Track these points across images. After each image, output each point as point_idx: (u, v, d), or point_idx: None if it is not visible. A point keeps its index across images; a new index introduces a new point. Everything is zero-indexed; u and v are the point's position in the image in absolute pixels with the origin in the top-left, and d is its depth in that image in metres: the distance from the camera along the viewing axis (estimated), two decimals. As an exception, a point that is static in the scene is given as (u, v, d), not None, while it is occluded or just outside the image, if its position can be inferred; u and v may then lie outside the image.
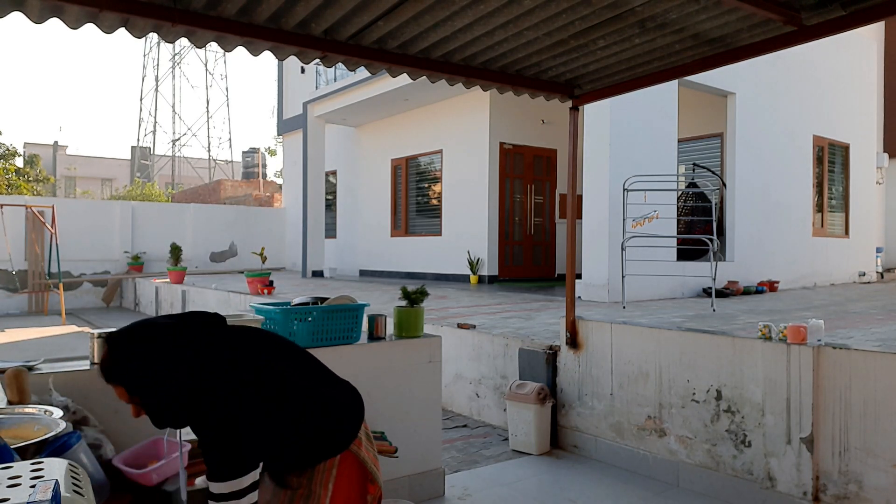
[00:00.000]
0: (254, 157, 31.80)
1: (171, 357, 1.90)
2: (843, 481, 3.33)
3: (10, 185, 23.79)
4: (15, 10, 2.70)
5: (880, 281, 13.30)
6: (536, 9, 3.02)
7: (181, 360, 1.90)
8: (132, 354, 1.90)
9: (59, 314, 13.59)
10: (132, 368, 1.89)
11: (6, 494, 1.13)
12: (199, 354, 1.93)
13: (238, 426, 1.88)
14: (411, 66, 3.61)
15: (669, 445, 4.10)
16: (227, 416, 1.87)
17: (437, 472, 3.91)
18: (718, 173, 10.55)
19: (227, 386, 1.90)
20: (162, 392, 1.89)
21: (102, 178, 43.78)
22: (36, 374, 2.63)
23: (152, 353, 1.90)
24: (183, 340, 1.94)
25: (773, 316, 6.70)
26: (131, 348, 1.91)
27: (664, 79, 3.93)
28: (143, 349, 1.90)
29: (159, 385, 1.88)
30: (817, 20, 3.05)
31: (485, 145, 12.31)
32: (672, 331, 4.16)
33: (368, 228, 15.51)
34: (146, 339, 1.93)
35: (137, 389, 1.89)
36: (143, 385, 1.89)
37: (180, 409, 1.91)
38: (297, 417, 1.97)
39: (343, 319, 3.51)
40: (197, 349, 1.94)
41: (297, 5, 2.93)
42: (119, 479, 2.36)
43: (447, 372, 5.77)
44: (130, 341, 1.92)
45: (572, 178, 4.58)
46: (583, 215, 8.57)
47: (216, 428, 1.87)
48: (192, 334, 1.98)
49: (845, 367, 3.33)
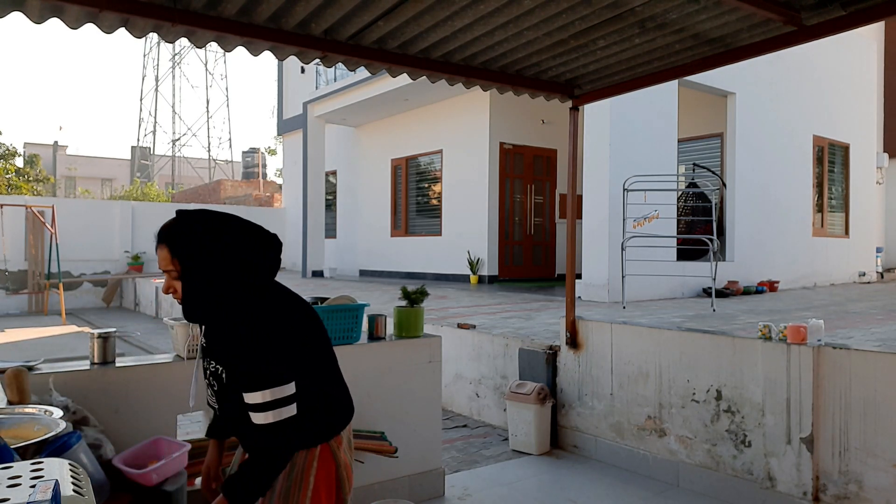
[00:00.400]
0: (254, 157, 31.81)
1: (234, 244, 1.83)
2: (843, 481, 3.33)
3: (10, 185, 23.80)
4: (15, 10, 2.70)
5: (880, 281, 13.30)
6: (536, 9, 3.02)
7: (240, 251, 1.83)
8: (199, 219, 1.84)
9: (59, 314, 13.59)
10: (192, 231, 1.82)
11: (6, 494, 1.13)
12: (260, 263, 1.87)
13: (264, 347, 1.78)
14: (411, 66, 3.61)
15: (669, 445, 4.10)
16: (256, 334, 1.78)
17: (437, 472, 3.91)
18: (718, 173, 10.55)
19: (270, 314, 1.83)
20: (207, 268, 1.80)
21: (102, 178, 43.80)
22: (36, 374, 2.63)
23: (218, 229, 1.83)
24: (254, 243, 1.87)
25: (773, 316, 6.70)
26: (202, 216, 1.85)
27: (664, 79, 3.93)
28: (213, 222, 1.85)
29: (208, 258, 1.80)
30: (817, 20, 3.05)
31: (485, 145, 12.31)
32: (672, 331, 4.16)
33: (368, 228, 15.51)
34: (221, 217, 1.86)
35: (184, 255, 1.81)
36: (192, 252, 1.80)
37: (215, 298, 1.82)
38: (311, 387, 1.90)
39: (343, 319, 3.51)
40: (262, 258, 1.87)
41: (297, 5, 2.93)
42: (119, 479, 2.36)
43: (447, 372, 5.78)
44: (204, 213, 1.87)
45: (572, 178, 4.58)
46: (583, 215, 8.58)
47: (242, 340, 1.78)
48: (266, 246, 1.90)
49: (845, 367, 3.33)
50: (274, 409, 1.76)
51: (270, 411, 1.76)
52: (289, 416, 1.78)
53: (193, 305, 1.85)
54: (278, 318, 1.86)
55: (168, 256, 1.83)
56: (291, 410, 1.79)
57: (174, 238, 1.84)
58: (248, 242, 1.87)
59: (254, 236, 1.90)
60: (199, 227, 1.83)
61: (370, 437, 3.46)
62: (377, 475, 3.59)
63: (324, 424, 1.93)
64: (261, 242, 1.90)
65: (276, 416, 1.76)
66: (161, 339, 10.52)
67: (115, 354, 2.91)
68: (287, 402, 1.78)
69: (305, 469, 1.88)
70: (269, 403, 1.76)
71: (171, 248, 1.83)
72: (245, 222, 1.91)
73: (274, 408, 1.76)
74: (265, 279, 1.91)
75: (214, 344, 1.88)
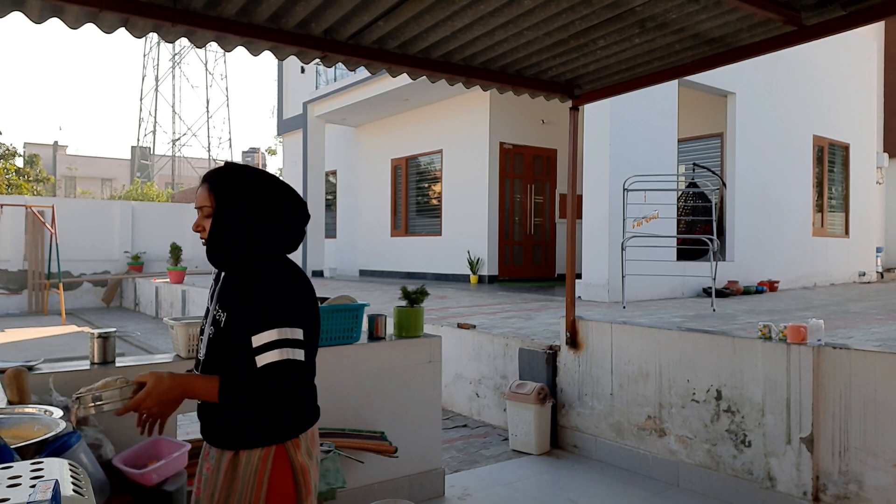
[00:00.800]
0: (254, 157, 31.83)
1: (270, 198, 1.87)
2: (843, 481, 3.33)
3: (10, 185, 23.80)
4: (15, 10, 2.70)
5: (880, 281, 13.31)
6: (536, 9, 3.02)
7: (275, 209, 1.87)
8: (244, 168, 1.91)
9: (59, 314, 13.59)
10: (234, 175, 1.87)
11: (6, 494, 1.13)
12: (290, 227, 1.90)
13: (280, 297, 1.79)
14: (411, 66, 3.61)
15: (669, 445, 4.10)
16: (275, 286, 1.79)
17: (437, 472, 3.91)
18: (718, 173, 10.55)
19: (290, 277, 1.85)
20: (239, 213, 1.83)
21: (102, 178, 43.81)
22: (36, 374, 2.63)
23: (259, 181, 1.88)
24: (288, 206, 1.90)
25: (773, 316, 6.70)
26: (247, 167, 1.91)
27: (664, 79, 3.93)
28: (256, 173, 1.90)
29: (243, 203, 1.83)
30: (817, 20, 3.05)
31: (485, 145, 12.31)
32: (672, 331, 4.16)
33: (368, 228, 15.52)
34: (263, 173, 1.91)
35: (221, 193, 1.84)
36: (229, 192, 1.84)
37: (240, 245, 1.84)
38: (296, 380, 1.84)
39: (343, 319, 3.51)
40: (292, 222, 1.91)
41: (297, 5, 2.93)
42: (119, 479, 2.36)
43: (447, 372, 5.78)
44: (249, 166, 1.92)
45: (572, 178, 4.59)
46: (583, 215, 8.58)
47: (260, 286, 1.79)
48: (298, 213, 1.93)
49: (845, 367, 3.34)
50: (283, 347, 1.74)
51: (279, 349, 1.73)
52: (295, 361, 1.75)
53: (217, 247, 1.86)
54: (294, 287, 1.86)
55: (206, 193, 1.87)
56: (299, 355, 1.76)
57: (217, 176, 1.88)
58: (283, 203, 1.90)
59: (291, 201, 1.92)
60: (241, 174, 1.89)
61: (370, 437, 3.46)
62: (377, 475, 3.59)
63: (286, 423, 1.86)
64: (295, 207, 1.93)
65: (284, 354, 1.74)
66: (161, 339, 10.52)
67: (115, 354, 2.92)
68: (296, 344, 1.76)
69: (258, 470, 1.81)
70: (280, 342, 1.74)
71: (212, 184, 1.87)
72: (285, 185, 1.94)
73: (284, 346, 1.74)
74: (290, 245, 1.93)
75: (228, 290, 1.87)
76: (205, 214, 1.87)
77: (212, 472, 1.87)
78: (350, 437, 3.37)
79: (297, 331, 1.78)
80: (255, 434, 1.82)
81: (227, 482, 1.82)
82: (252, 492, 1.80)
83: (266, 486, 1.81)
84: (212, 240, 1.86)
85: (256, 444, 1.82)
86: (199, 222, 1.89)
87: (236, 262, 1.87)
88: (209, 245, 1.87)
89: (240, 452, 1.82)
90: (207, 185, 1.87)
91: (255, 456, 1.81)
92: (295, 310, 1.81)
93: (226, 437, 1.86)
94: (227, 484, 1.82)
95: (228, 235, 1.84)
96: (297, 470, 1.86)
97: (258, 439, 1.82)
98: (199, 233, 1.89)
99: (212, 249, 1.87)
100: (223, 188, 1.85)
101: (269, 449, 1.82)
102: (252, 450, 1.82)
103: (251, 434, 1.82)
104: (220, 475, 1.83)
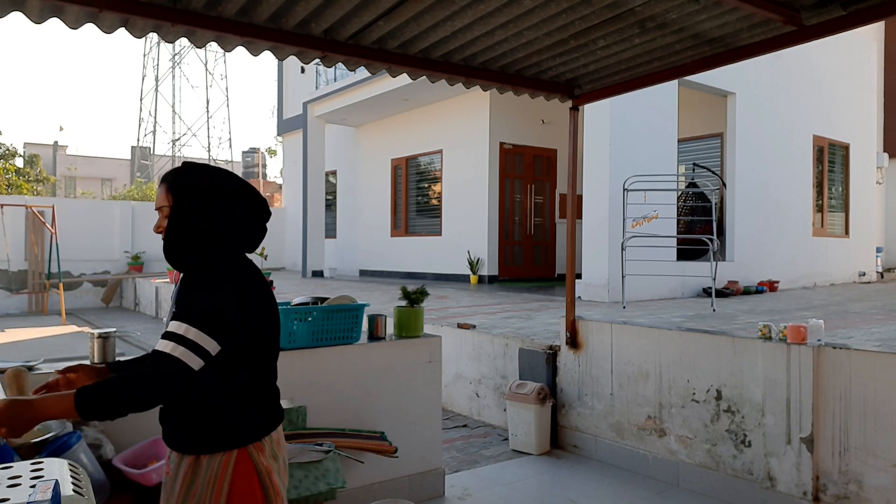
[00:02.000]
0: (254, 157, 31.80)
1: (229, 198, 1.86)
2: (843, 481, 3.33)
3: (10, 185, 23.80)
4: (15, 10, 2.70)
5: (880, 281, 13.30)
6: (536, 9, 3.02)
7: (233, 209, 1.86)
8: (202, 167, 1.89)
9: (59, 314, 13.59)
10: (193, 174, 1.86)
11: (6, 494, 1.13)
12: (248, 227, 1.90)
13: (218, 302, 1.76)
14: (411, 66, 3.61)
15: (669, 445, 4.10)
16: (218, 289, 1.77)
17: (437, 472, 3.91)
18: (718, 173, 10.56)
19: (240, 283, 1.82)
20: (197, 214, 1.82)
21: (102, 178, 43.78)
22: (36, 374, 2.63)
23: (218, 181, 1.87)
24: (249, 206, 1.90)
25: (773, 316, 6.70)
26: (205, 166, 1.91)
27: (664, 79, 3.93)
28: (214, 172, 1.89)
29: (201, 204, 1.83)
30: (817, 20, 3.05)
31: (485, 145, 12.31)
32: (672, 331, 4.16)
33: (368, 228, 15.52)
34: (222, 172, 1.91)
35: (178, 193, 1.83)
36: (186, 192, 1.83)
37: (196, 246, 1.82)
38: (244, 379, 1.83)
39: (343, 319, 3.51)
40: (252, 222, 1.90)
41: (297, 5, 2.93)
42: (119, 479, 2.36)
43: (447, 372, 5.77)
44: (207, 165, 1.92)
45: (572, 178, 4.59)
46: (583, 215, 8.58)
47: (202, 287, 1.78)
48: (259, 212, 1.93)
49: (845, 367, 3.34)
50: (183, 345, 1.68)
51: (178, 345, 1.68)
52: (185, 365, 1.68)
53: (173, 246, 1.84)
54: (245, 291, 1.82)
55: (164, 193, 1.86)
56: (193, 363, 1.69)
57: (174, 176, 1.87)
58: (242, 203, 1.89)
59: (251, 199, 1.91)
60: (197, 173, 1.88)
61: (370, 437, 3.46)
62: (377, 475, 3.59)
63: (246, 426, 1.82)
64: (255, 207, 1.92)
65: (180, 353, 1.68)
66: (161, 339, 10.49)
67: (115, 354, 2.91)
68: (197, 351, 1.69)
69: (218, 476, 1.77)
70: (181, 338, 1.69)
71: (169, 184, 1.86)
72: (244, 183, 1.93)
73: (183, 345, 1.68)
74: (248, 245, 1.93)
75: (182, 289, 1.84)
76: (164, 215, 1.86)
77: (171, 476, 1.83)
78: (350, 437, 3.37)
79: (208, 340, 1.71)
80: (215, 438, 1.78)
81: (185, 488, 1.78)
82: (210, 498, 1.76)
83: (227, 492, 1.77)
84: (167, 239, 1.85)
85: (217, 449, 1.78)
86: (159, 223, 1.88)
87: (192, 262, 1.84)
88: (165, 244, 1.85)
89: (200, 457, 1.78)
90: (165, 185, 1.87)
91: (216, 461, 1.77)
92: (223, 318, 1.75)
93: (186, 441, 1.81)
94: (185, 489, 1.78)
95: (184, 235, 1.83)
96: (262, 472, 1.82)
97: (219, 443, 1.78)
98: (160, 233, 1.88)
99: (168, 249, 1.85)
100: (179, 188, 1.85)
101: (230, 454, 1.78)
102: (213, 454, 1.78)
103: (212, 438, 1.78)
104: (178, 480, 1.79)
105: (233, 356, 1.79)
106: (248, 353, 1.83)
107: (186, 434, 1.81)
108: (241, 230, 1.89)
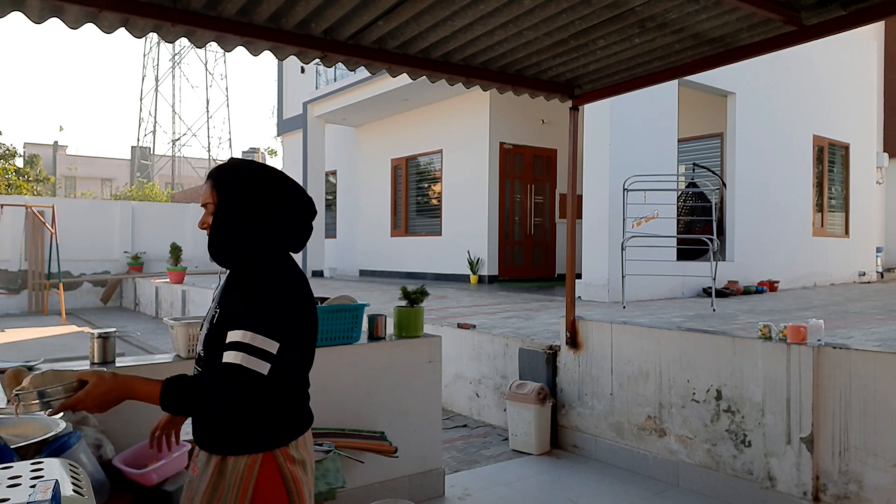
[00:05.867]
0: (253, 157, 31.82)
1: (277, 196, 1.83)
2: (843, 481, 3.33)
3: (10, 185, 23.80)
4: (15, 10, 2.70)
5: (880, 281, 13.31)
6: (536, 9, 3.02)
7: (281, 208, 1.83)
8: (249, 164, 1.87)
9: (59, 314, 13.59)
10: (239, 171, 1.84)
11: (6, 494, 1.13)
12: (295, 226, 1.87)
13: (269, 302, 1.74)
14: (411, 66, 3.61)
15: (669, 445, 4.10)
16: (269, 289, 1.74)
17: (437, 472, 3.91)
18: (718, 173, 10.56)
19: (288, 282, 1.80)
20: (243, 210, 1.80)
21: (102, 178, 43.79)
22: (36, 375, 2.62)
23: (266, 179, 1.84)
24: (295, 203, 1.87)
25: (773, 316, 6.70)
26: (253, 162, 1.88)
27: (664, 79, 3.93)
28: (262, 170, 1.86)
29: (247, 200, 1.80)
30: (817, 20, 3.05)
31: (485, 145, 12.31)
32: (672, 331, 4.16)
33: (368, 228, 15.52)
34: (270, 169, 1.88)
35: (224, 190, 1.81)
36: (232, 189, 1.81)
37: (242, 244, 1.80)
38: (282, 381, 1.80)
39: (343, 319, 3.51)
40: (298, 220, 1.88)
41: (297, 5, 2.93)
42: (119, 479, 2.36)
43: (447, 372, 5.78)
44: (255, 161, 1.89)
45: (572, 178, 4.59)
46: (583, 215, 8.58)
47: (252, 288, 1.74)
48: (305, 211, 1.90)
49: (845, 367, 3.34)
50: (248, 353, 1.68)
51: (243, 353, 1.67)
52: (255, 372, 1.68)
53: (218, 243, 1.83)
54: (294, 291, 1.82)
55: (209, 189, 1.84)
56: (262, 368, 1.69)
57: (220, 172, 1.86)
58: (287, 199, 1.86)
59: (296, 197, 1.89)
60: (244, 169, 1.86)
61: (370, 437, 3.46)
62: (377, 475, 3.59)
63: (275, 429, 1.80)
64: (300, 203, 1.90)
65: (246, 361, 1.67)
66: (161, 339, 10.52)
67: (115, 354, 2.92)
68: (263, 356, 1.69)
69: (244, 478, 1.75)
70: (246, 346, 1.68)
71: (215, 180, 1.84)
72: (290, 180, 1.90)
73: (248, 352, 1.68)
74: (294, 243, 1.90)
75: (227, 287, 1.83)
76: (209, 211, 1.85)
77: (197, 474, 1.83)
78: (350, 437, 3.37)
79: (271, 343, 1.71)
80: (242, 440, 1.77)
81: (211, 487, 1.77)
82: (236, 499, 1.75)
83: (251, 494, 1.75)
84: (213, 236, 1.83)
85: (244, 451, 1.77)
86: (204, 219, 1.86)
87: (237, 260, 1.83)
88: (210, 241, 1.84)
89: (227, 458, 1.77)
90: (211, 182, 1.85)
91: (242, 463, 1.76)
92: (278, 319, 1.74)
93: (214, 441, 1.81)
94: (211, 489, 1.77)
95: (229, 232, 1.81)
96: (288, 478, 1.80)
97: (246, 445, 1.77)
98: (205, 230, 1.87)
99: (213, 246, 1.84)
100: (225, 184, 1.83)
101: (255, 457, 1.77)
102: (239, 456, 1.77)
103: (239, 439, 1.77)
104: (206, 479, 1.79)
105: (280, 358, 1.76)
106: (293, 356, 1.82)
107: (215, 434, 1.81)
108: (287, 228, 1.86)
